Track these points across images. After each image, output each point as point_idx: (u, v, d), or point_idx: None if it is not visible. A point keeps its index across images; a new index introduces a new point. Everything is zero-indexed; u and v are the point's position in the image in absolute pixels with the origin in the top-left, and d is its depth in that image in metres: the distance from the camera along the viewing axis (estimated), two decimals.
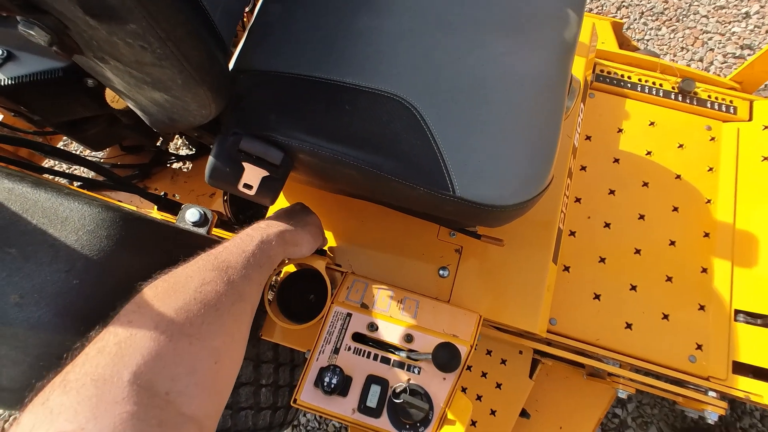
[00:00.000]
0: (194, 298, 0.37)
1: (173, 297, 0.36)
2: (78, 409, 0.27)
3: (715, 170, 0.92)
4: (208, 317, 0.36)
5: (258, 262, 0.46)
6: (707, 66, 1.55)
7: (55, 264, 0.39)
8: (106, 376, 0.29)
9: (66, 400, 0.28)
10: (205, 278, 0.39)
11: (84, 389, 0.28)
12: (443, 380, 0.54)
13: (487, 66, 0.54)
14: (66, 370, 0.30)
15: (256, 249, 0.47)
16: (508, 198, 0.51)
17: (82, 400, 0.28)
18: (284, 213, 0.63)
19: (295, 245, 0.56)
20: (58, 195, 0.42)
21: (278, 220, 0.57)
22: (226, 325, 0.38)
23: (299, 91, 0.55)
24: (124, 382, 0.29)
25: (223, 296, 0.39)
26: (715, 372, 0.79)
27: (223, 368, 0.37)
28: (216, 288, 0.39)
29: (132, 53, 0.37)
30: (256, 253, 0.47)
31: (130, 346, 0.31)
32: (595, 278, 0.86)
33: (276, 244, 0.51)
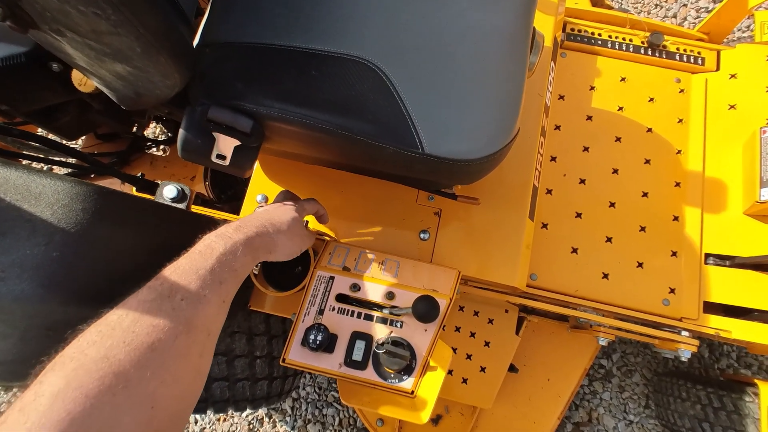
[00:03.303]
0: (123, 341, 0.33)
1: (96, 346, 0.32)
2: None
3: (685, 121, 0.95)
4: (140, 360, 0.33)
5: (217, 279, 0.42)
6: (681, 21, 1.56)
7: (33, 238, 0.40)
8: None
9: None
10: (141, 312, 0.35)
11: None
12: (425, 332, 0.56)
13: (449, 23, 0.54)
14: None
15: (215, 264, 0.42)
16: (475, 152, 0.52)
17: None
18: (264, 212, 0.55)
19: (269, 252, 0.51)
20: (29, 172, 0.43)
21: (253, 220, 0.52)
22: (165, 364, 0.34)
23: (265, 60, 0.55)
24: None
25: (162, 332, 0.35)
26: (687, 313, 0.84)
27: (161, 411, 0.33)
28: (153, 323, 0.35)
29: (87, 22, 0.37)
30: (215, 268, 0.42)
31: (33, 411, 0.27)
32: (572, 233, 0.89)
33: (242, 254, 0.46)
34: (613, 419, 1.24)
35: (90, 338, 0.33)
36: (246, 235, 0.47)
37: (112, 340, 0.32)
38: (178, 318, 0.36)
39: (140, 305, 0.36)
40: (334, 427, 1.27)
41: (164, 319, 0.35)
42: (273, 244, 0.51)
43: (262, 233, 0.50)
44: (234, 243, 0.45)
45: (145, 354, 0.33)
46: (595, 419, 1.24)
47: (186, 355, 0.36)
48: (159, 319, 0.35)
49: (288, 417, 1.28)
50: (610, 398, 1.25)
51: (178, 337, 0.36)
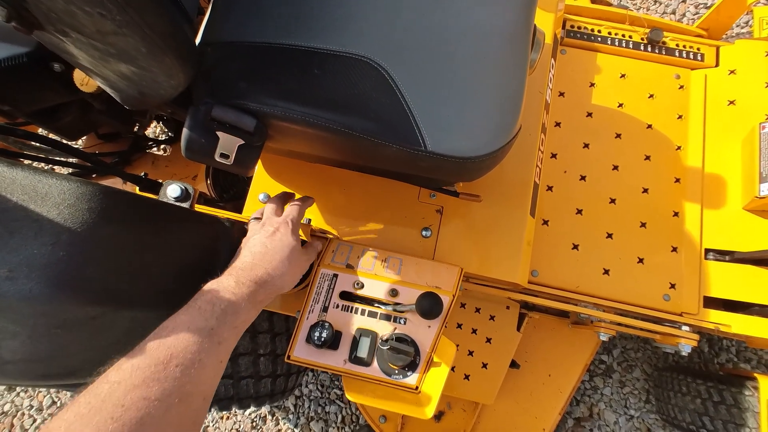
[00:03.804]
0: (111, 416, 0.31)
1: (84, 420, 0.31)
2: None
3: (685, 117, 0.95)
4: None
5: (216, 340, 0.40)
6: (680, 18, 1.56)
7: (40, 238, 0.40)
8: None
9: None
10: (134, 382, 0.34)
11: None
12: (428, 328, 0.57)
13: (451, 21, 0.55)
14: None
15: (215, 324, 0.41)
16: (478, 149, 0.52)
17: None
18: (261, 250, 0.52)
19: (272, 297, 0.50)
20: (35, 173, 0.43)
21: (256, 268, 0.49)
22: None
23: (268, 59, 0.55)
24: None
25: (155, 402, 0.34)
26: (687, 308, 0.84)
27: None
28: (146, 393, 0.33)
29: (92, 22, 0.37)
30: (214, 329, 0.40)
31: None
32: (573, 229, 0.90)
33: (245, 310, 0.45)
34: (614, 414, 1.24)
35: (78, 411, 0.32)
36: (249, 288, 0.46)
37: (99, 416, 0.31)
38: (172, 388, 0.35)
39: (133, 373, 0.35)
40: (337, 424, 1.28)
41: (157, 391, 0.34)
42: (277, 289, 0.50)
43: (266, 282, 0.48)
44: (237, 299, 0.44)
45: (136, 428, 0.32)
46: (596, 414, 1.25)
47: (178, 425, 0.35)
48: (151, 390, 0.34)
49: (291, 414, 1.29)
50: (611, 393, 1.26)
51: (171, 408, 0.35)
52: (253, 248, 0.52)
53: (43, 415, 1.31)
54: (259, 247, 0.52)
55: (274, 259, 0.51)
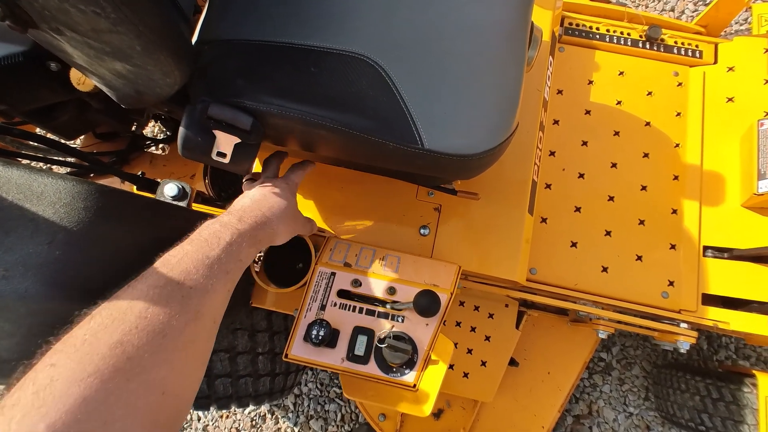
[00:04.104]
0: (136, 326, 0.33)
1: (109, 330, 0.32)
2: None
3: (683, 115, 0.95)
4: (152, 346, 0.33)
5: (224, 268, 0.42)
6: (678, 15, 1.56)
7: (36, 237, 0.40)
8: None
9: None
10: (153, 299, 0.35)
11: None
12: (426, 326, 0.57)
13: (447, 18, 0.55)
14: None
15: (222, 253, 0.42)
16: (475, 147, 0.52)
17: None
18: (261, 198, 0.55)
19: (271, 240, 0.52)
20: (31, 172, 0.43)
21: (254, 209, 0.51)
22: (176, 350, 0.34)
23: (264, 57, 0.55)
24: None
25: (174, 318, 0.35)
26: (686, 305, 0.84)
27: (171, 397, 0.33)
28: (165, 309, 0.35)
29: (86, 20, 0.37)
30: (221, 258, 0.42)
31: (49, 395, 0.27)
32: (571, 227, 0.90)
33: (247, 245, 0.46)
34: (613, 411, 1.25)
35: (102, 321, 0.33)
36: (250, 226, 0.48)
37: (124, 325, 0.32)
38: (188, 306, 0.37)
39: (150, 291, 0.36)
40: (337, 423, 1.28)
41: (175, 307, 0.35)
42: (274, 234, 0.52)
43: (265, 224, 0.50)
44: (240, 234, 0.45)
45: (157, 340, 0.33)
46: (596, 412, 1.25)
47: (194, 342, 0.37)
48: (170, 306, 0.35)
49: (290, 413, 1.29)
50: (610, 391, 1.26)
51: (188, 324, 0.36)
52: (253, 195, 0.55)
53: None
54: (258, 195, 0.55)
55: (273, 206, 0.53)
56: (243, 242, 0.45)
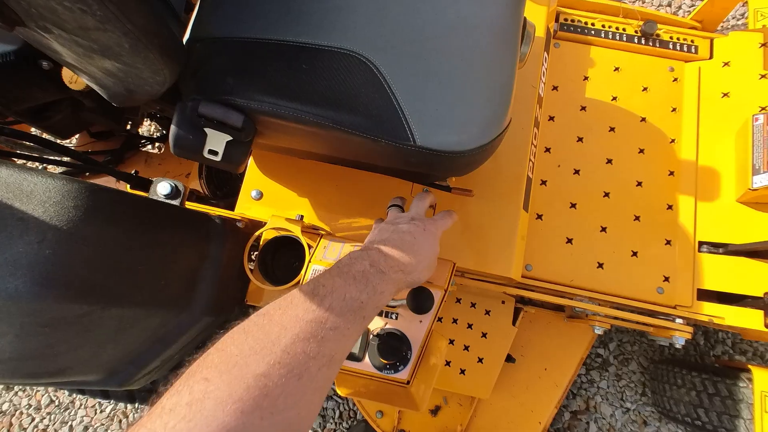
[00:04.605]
0: (279, 361, 0.33)
1: (258, 357, 0.32)
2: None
3: (679, 110, 0.95)
4: (288, 387, 0.32)
5: (362, 314, 0.40)
6: (675, 10, 1.56)
7: (26, 236, 0.40)
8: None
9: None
10: (298, 334, 0.34)
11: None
12: (420, 323, 0.57)
13: (439, 15, 0.54)
14: (142, 422, 0.28)
15: (366, 299, 0.40)
16: (467, 143, 0.52)
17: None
18: (412, 240, 0.50)
19: (404, 288, 0.50)
20: (21, 171, 0.43)
21: (405, 255, 0.48)
22: (305, 395, 0.34)
23: (256, 54, 0.55)
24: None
25: (312, 359, 0.34)
26: (681, 300, 0.85)
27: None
28: (306, 349, 0.34)
29: (73, 18, 0.37)
30: (363, 302, 0.40)
31: (199, 411, 0.28)
32: (567, 223, 0.90)
33: (389, 293, 0.44)
34: (611, 407, 1.25)
35: (253, 345, 0.33)
36: (396, 273, 0.45)
37: (271, 357, 0.32)
38: (326, 350, 0.36)
39: (298, 324, 0.35)
40: (335, 420, 1.28)
41: (315, 348, 0.35)
42: (414, 282, 0.50)
43: (410, 272, 0.48)
44: (386, 281, 0.43)
45: (293, 382, 0.33)
46: (593, 407, 1.25)
47: (322, 389, 0.36)
48: (311, 345, 0.34)
49: None
50: (607, 387, 1.27)
51: (321, 369, 0.35)
52: (405, 235, 0.51)
53: (41, 414, 1.32)
54: (409, 236, 0.51)
55: (420, 252, 0.50)
56: (386, 290, 0.43)
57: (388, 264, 0.45)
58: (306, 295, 0.38)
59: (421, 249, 0.51)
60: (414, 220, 0.55)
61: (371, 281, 0.42)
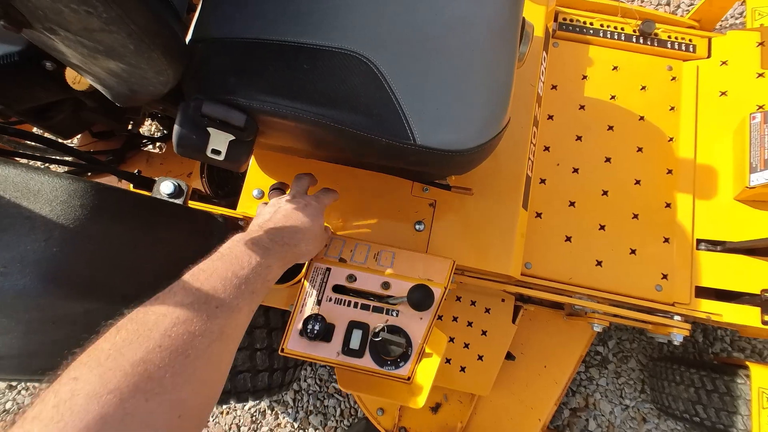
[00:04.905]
0: (159, 345, 0.32)
1: (133, 346, 0.31)
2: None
3: (677, 109, 0.96)
4: (174, 366, 0.32)
5: (251, 289, 0.41)
6: (674, 9, 1.56)
7: (33, 234, 0.41)
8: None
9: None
10: (179, 317, 0.35)
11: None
12: (420, 320, 0.58)
13: (438, 14, 0.55)
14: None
15: (251, 273, 0.42)
16: (466, 142, 0.53)
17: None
18: (292, 213, 0.53)
19: (296, 260, 0.51)
20: (27, 170, 0.43)
21: (286, 228, 0.50)
22: (197, 371, 0.34)
23: (256, 55, 0.55)
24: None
25: (198, 337, 0.34)
26: (679, 298, 0.85)
27: (188, 418, 0.33)
28: (190, 328, 0.34)
29: (79, 20, 0.37)
30: (250, 278, 0.41)
31: (68, 410, 0.27)
32: (565, 221, 0.90)
33: (276, 267, 0.45)
34: (610, 404, 1.26)
35: (127, 336, 0.32)
36: (280, 246, 0.47)
37: (149, 343, 0.32)
38: (213, 326, 0.36)
39: (178, 308, 0.35)
40: (336, 418, 1.29)
41: (200, 326, 0.35)
42: (302, 255, 0.52)
43: (295, 244, 0.50)
44: (270, 254, 0.45)
45: (180, 360, 0.33)
46: (592, 405, 1.26)
47: (216, 363, 0.36)
48: (196, 325, 0.35)
49: (290, 409, 1.30)
50: (607, 384, 1.27)
51: (212, 344, 0.35)
52: (286, 211, 0.54)
53: None
54: (290, 212, 0.54)
55: (304, 225, 0.53)
56: (272, 263, 0.45)
57: (271, 239, 0.47)
58: (186, 281, 0.38)
59: (304, 222, 0.53)
60: (295, 197, 0.57)
61: (253, 257, 0.43)
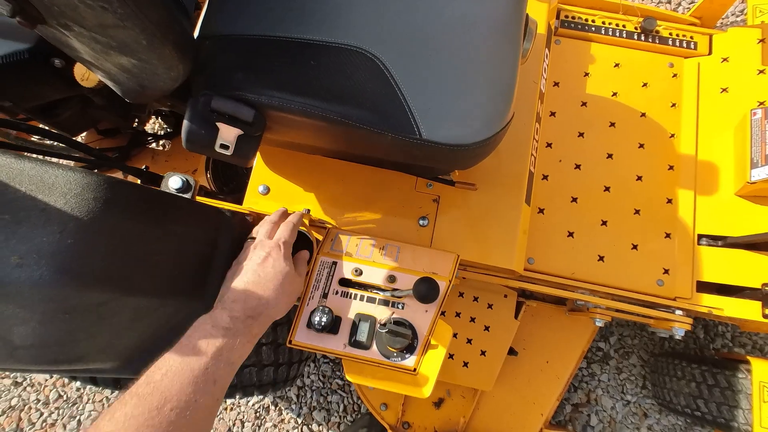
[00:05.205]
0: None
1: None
2: None
3: (678, 105, 0.96)
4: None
5: (211, 378, 0.40)
6: (675, 7, 1.57)
7: (48, 226, 0.42)
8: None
9: None
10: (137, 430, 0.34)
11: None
12: (425, 312, 0.59)
13: (443, 11, 0.56)
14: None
15: (209, 362, 0.41)
16: (471, 136, 0.54)
17: None
18: (254, 278, 0.51)
19: (267, 324, 0.50)
20: (42, 164, 0.44)
21: (250, 299, 0.49)
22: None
23: (264, 51, 0.56)
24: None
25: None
26: (681, 292, 0.86)
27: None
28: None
29: (94, 16, 0.38)
30: (209, 368, 0.40)
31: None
32: (568, 217, 0.91)
33: (241, 344, 0.45)
34: (611, 400, 1.27)
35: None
36: (244, 323, 0.46)
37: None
38: (172, 428, 0.36)
39: (127, 422, 0.35)
40: (339, 414, 1.30)
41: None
42: (271, 319, 0.50)
43: (260, 314, 0.48)
44: (233, 335, 0.44)
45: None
46: (594, 400, 1.27)
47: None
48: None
49: (294, 405, 1.31)
50: (608, 380, 1.28)
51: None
52: (245, 277, 0.52)
53: (49, 409, 1.34)
54: (251, 275, 0.52)
55: (267, 289, 0.51)
56: (235, 343, 0.44)
57: (232, 317, 0.46)
58: (139, 387, 0.38)
59: (267, 286, 0.51)
60: (256, 249, 0.55)
61: (212, 344, 0.42)
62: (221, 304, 0.49)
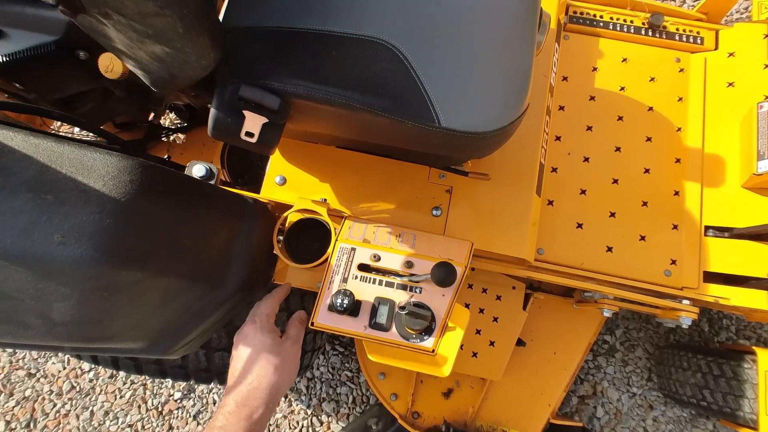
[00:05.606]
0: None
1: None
2: None
3: (685, 99, 0.98)
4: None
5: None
6: (681, 3, 1.59)
7: (88, 207, 0.43)
8: None
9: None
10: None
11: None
12: (443, 296, 0.60)
13: (459, 2, 0.58)
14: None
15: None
16: (489, 124, 0.56)
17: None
18: (262, 376, 0.53)
19: (270, 403, 0.52)
20: (81, 147, 0.46)
21: (250, 398, 0.51)
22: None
23: (287, 42, 0.58)
24: None
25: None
26: (688, 282, 0.88)
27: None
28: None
29: (135, 4, 0.40)
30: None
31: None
32: (577, 209, 0.93)
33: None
34: (617, 392, 1.28)
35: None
36: (237, 415, 0.50)
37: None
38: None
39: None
40: (348, 405, 1.32)
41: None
42: (272, 392, 0.53)
43: (257, 406, 0.51)
44: (227, 431, 0.48)
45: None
46: (600, 392, 1.29)
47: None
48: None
49: (303, 396, 1.33)
50: (614, 372, 1.30)
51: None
52: (232, 368, 0.55)
53: (62, 400, 1.36)
54: (235, 362, 0.55)
55: (251, 370, 0.53)
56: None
57: (228, 412, 0.50)
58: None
59: (249, 365, 0.54)
60: (237, 336, 0.57)
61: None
62: (224, 407, 0.52)
